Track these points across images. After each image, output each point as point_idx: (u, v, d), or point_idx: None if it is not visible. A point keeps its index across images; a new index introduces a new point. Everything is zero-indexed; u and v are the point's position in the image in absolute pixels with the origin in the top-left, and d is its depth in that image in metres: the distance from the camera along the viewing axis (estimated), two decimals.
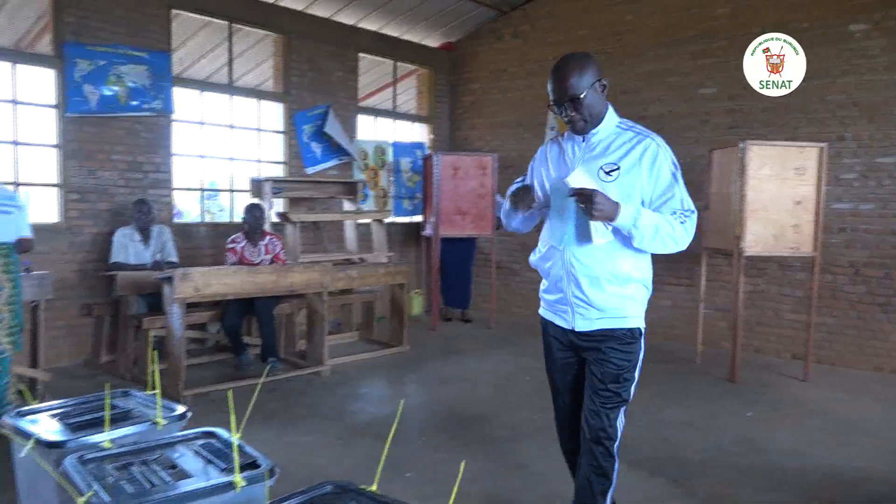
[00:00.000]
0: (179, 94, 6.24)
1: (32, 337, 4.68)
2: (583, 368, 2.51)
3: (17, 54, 5.55)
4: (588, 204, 2.20)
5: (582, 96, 2.28)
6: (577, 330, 2.44)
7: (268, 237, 5.82)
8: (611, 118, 2.40)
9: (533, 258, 2.62)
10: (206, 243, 6.50)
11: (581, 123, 2.35)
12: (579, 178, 2.31)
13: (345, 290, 6.35)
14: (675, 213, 2.29)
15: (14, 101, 5.36)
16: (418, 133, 8.80)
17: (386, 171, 8.13)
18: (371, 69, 8.49)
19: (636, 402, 4.74)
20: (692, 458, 3.81)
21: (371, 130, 8.23)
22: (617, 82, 7.27)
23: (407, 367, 5.78)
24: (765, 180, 5.30)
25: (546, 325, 2.60)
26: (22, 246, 4.07)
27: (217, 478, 2.15)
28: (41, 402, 2.95)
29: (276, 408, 4.55)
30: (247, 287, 5.03)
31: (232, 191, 7.05)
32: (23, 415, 2.75)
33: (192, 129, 6.54)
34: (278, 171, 7.15)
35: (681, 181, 2.33)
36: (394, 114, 8.53)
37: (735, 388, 5.29)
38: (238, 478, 2.09)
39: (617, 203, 2.22)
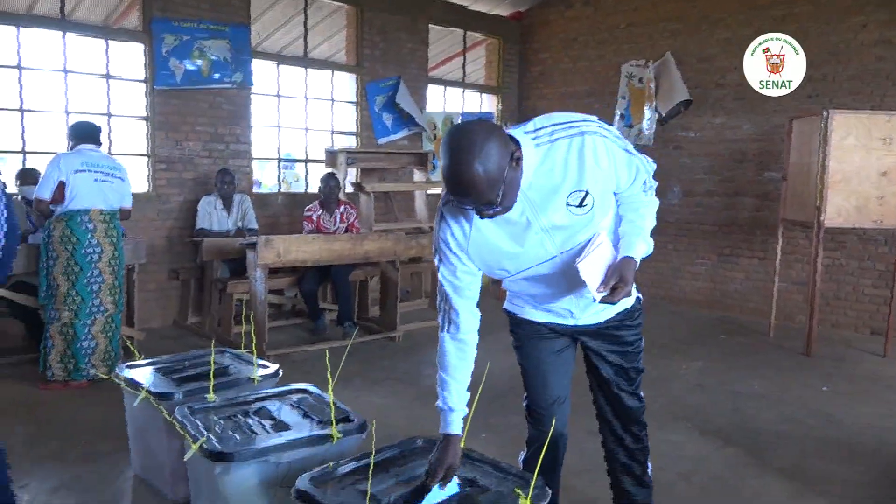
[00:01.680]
0: (257, 67, 6.42)
1: (128, 298, 4.99)
2: (571, 348, 2.33)
3: (109, 31, 5.82)
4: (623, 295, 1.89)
5: (500, 198, 1.69)
6: (579, 325, 2.20)
7: (343, 206, 5.99)
8: (529, 156, 1.79)
9: (511, 285, 2.20)
10: (282, 212, 6.73)
11: (504, 210, 1.78)
12: (592, 276, 1.88)
13: (414, 258, 6.49)
14: (644, 182, 2.00)
15: (107, 76, 5.65)
16: (487, 103, 8.80)
17: None
18: (440, 39, 8.50)
19: (710, 375, 4.79)
20: (766, 429, 3.81)
21: (440, 101, 8.29)
22: (692, 50, 7.09)
23: None
24: (849, 150, 5.13)
25: (523, 319, 2.28)
26: (122, 214, 4.41)
27: (315, 430, 2.31)
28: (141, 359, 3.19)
29: (354, 370, 4.73)
30: (324, 254, 5.22)
31: (307, 161, 7.25)
32: (131, 368, 2.99)
33: (270, 101, 6.74)
34: (350, 142, 7.31)
35: (632, 148, 1.96)
36: (463, 84, 8.55)
37: (810, 361, 5.21)
38: (335, 430, 2.25)
39: (631, 260, 1.92)
